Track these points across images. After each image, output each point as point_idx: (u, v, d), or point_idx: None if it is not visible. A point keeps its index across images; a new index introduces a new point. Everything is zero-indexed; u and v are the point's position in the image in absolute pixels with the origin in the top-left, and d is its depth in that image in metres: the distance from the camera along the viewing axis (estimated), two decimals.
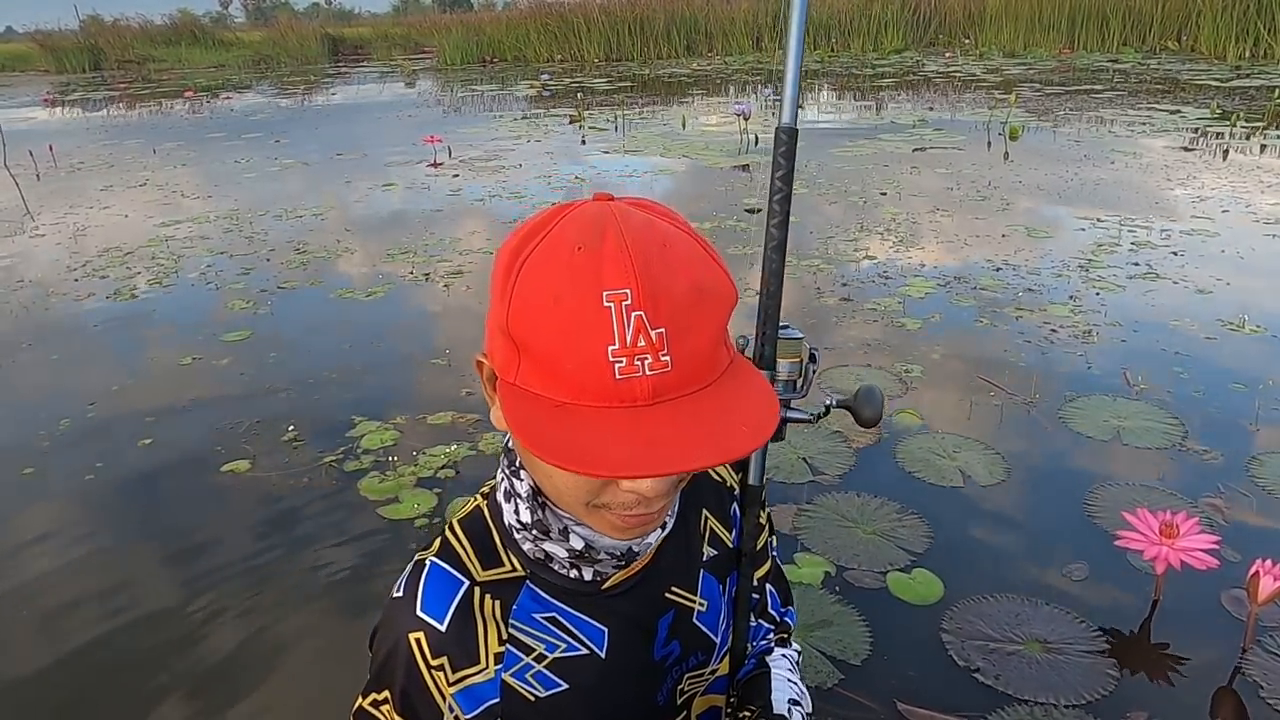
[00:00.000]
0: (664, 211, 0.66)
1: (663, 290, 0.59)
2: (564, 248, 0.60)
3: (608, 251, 0.59)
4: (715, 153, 6.68)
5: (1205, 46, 12.68)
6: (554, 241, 0.61)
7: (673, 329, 0.59)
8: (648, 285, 0.58)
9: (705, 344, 0.62)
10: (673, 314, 0.59)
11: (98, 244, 4.83)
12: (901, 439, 2.35)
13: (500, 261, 0.64)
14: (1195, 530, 1.62)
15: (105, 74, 20.41)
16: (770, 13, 16.85)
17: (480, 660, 0.74)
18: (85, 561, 2.03)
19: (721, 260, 0.67)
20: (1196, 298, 3.31)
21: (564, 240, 0.61)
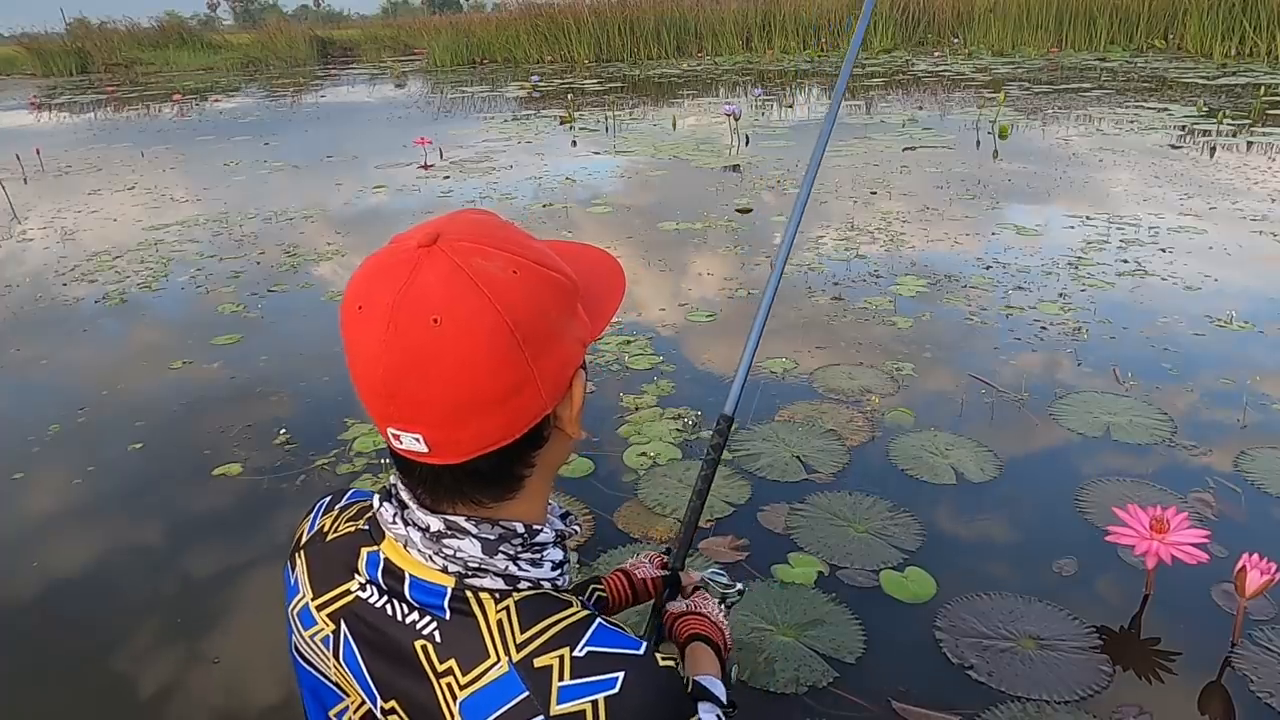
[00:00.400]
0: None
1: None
2: (509, 237, 0.66)
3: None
4: (706, 153, 6.69)
5: (1192, 45, 12.77)
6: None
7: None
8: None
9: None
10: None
11: (86, 247, 4.81)
12: (894, 437, 2.36)
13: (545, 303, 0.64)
14: (1185, 525, 1.63)
15: (92, 77, 20.30)
16: (759, 13, 16.87)
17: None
18: (76, 566, 2.01)
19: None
20: (1185, 294, 3.33)
21: (506, 237, 0.65)
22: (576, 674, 0.62)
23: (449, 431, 0.62)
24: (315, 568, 0.76)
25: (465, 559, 0.67)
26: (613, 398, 2.66)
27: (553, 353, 0.63)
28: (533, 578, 0.69)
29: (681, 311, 3.37)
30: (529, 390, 0.62)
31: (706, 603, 1.12)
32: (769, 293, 1.16)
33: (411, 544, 0.68)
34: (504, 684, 0.63)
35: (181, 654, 1.70)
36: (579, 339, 0.67)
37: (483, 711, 0.63)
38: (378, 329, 0.60)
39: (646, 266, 4.00)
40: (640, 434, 2.43)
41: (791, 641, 1.64)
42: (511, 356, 0.60)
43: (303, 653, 0.76)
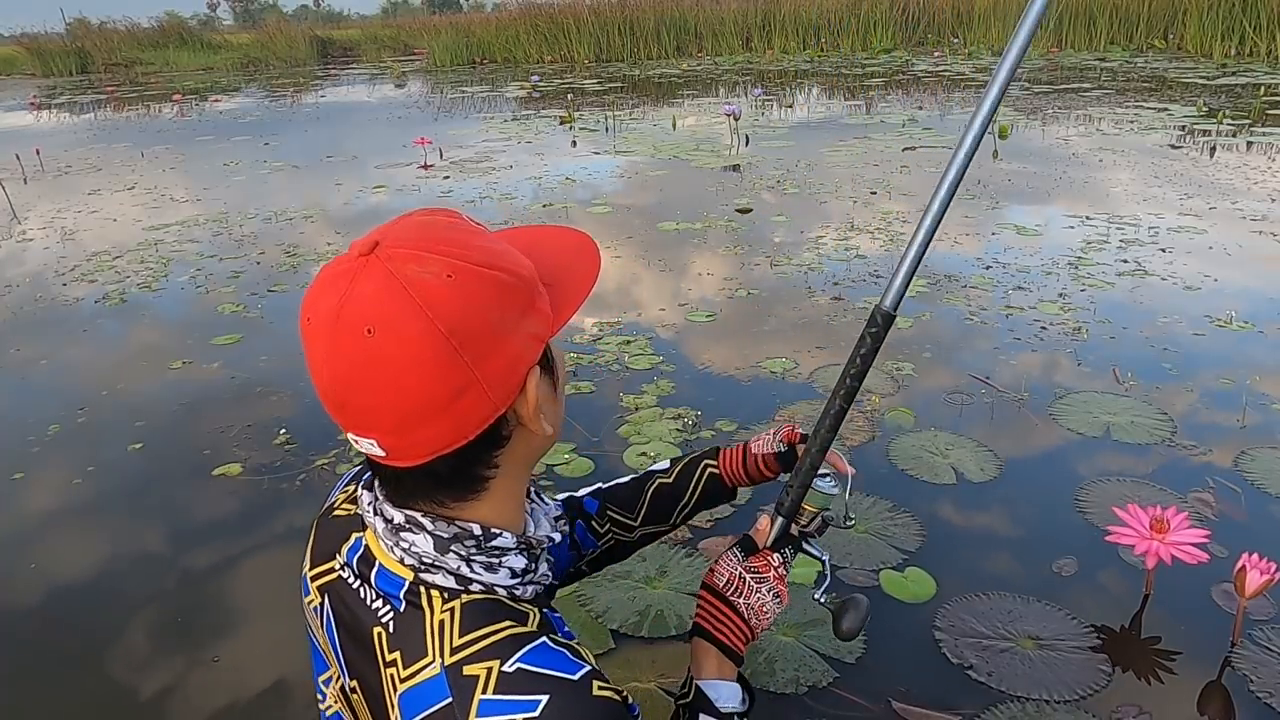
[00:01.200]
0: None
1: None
2: (456, 232, 0.67)
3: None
4: (706, 153, 6.69)
5: (1191, 45, 12.77)
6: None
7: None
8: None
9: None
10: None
11: (86, 247, 4.81)
12: (894, 437, 2.36)
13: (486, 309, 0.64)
14: (1185, 525, 1.63)
15: (92, 77, 20.29)
16: (759, 13, 16.87)
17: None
18: (76, 566, 2.01)
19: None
20: (1185, 294, 3.33)
21: (451, 233, 0.66)
22: (500, 689, 0.61)
23: (400, 437, 0.63)
24: (318, 539, 0.80)
25: (419, 554, 0.68)
26: (613, 398, 2.66)
27: (498, 354, 0.63)
28: (485, 582, 0.68)
29: (681, 311, 3.37)
30: (473, 393, 0.62)
31: (759, 586, 0.90)
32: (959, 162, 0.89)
33: (377, 532, 0.70)
34: (433, 685, 0.63)
35: (181, 653, 1.70)
36: (534, 335, 0.66)
37: (413, 709, 0.64)
38: (322, 341, 0.61)
39: (646, 266, 4.00)
40: (640, 434, 2.43)
41: (791, 641, 1.64)
42: (449, 362, 0.60)
43: (307, 616, 0.81)
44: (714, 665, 0.88)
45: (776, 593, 0.91)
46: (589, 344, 3.09)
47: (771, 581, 0.90)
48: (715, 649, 0.88)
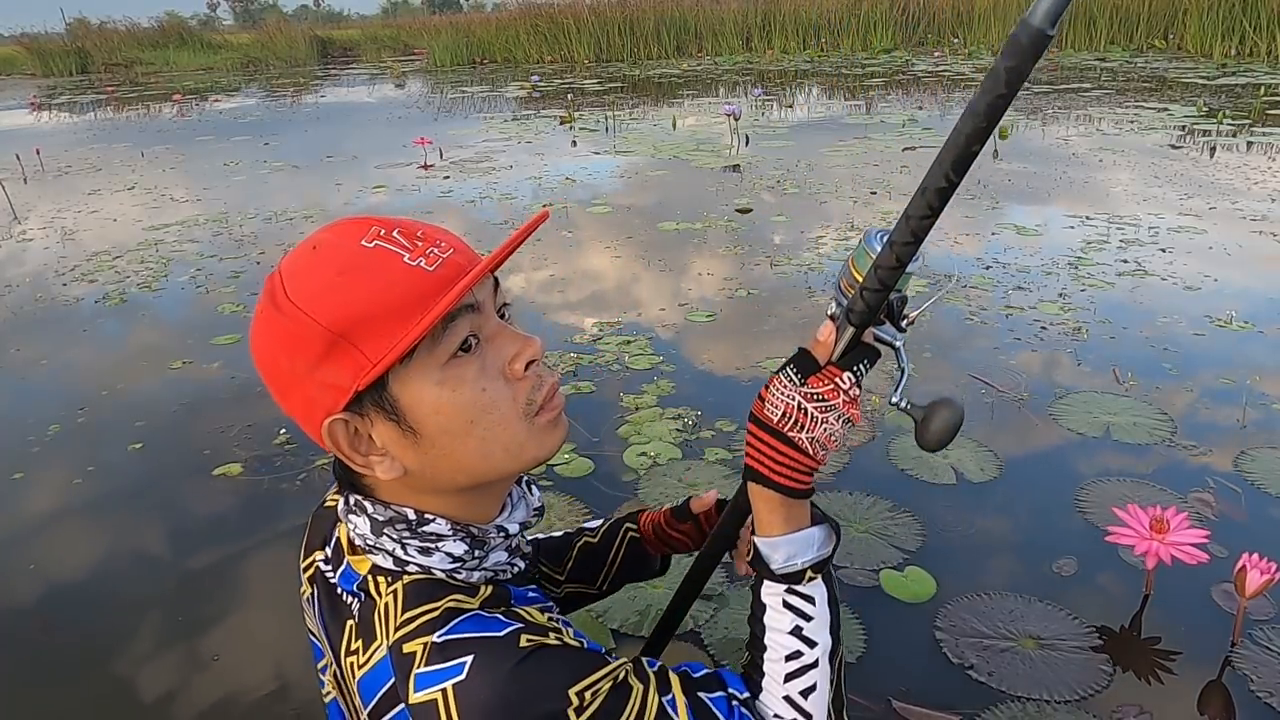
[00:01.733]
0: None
1: (401, 224, 0.66)
2: (303, 257, 0.66)
3: (333, 232, 0.66)
4: (706, 153, 6.69)
5: (1191, 44, 12.77)
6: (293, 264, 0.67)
7: (427, 236, 0.66)
8: (388, 223, 0.66)
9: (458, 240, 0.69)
10: (419, 230, 0.66)
11: (86, 247, 4.81)
12: (894, 437, 2.36)
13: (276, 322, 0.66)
14: (1185, 525, 1.63)
15: (92, 77, 20.29)
16: (759, 13, 16.87)
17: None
18: (76, 565, 2.01)
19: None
20: (1185, 294, 3.33)
21: (298, 257, 0.66)
22: (431, 661, 0.61)
23: (284, 404, 0.68)
24: (311, 532, 0.83)
25: (362, 535, 0.71)
26: (613, 398, 2.66)
27: (293, 394, 0.66)
28: (421, 564, 0.69)
29: (681, 311, 3.37)
30: (290, 406, 0.68)
31: (825, 415, 0.71)
32: None
33: (340, 514, 0.75)
34: (381, 668, 0.65)
35: (182, 653, 1.70)
36: (331, 384, 0.63)
37: (368, 694, 0.66)
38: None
39: (646, 266, 4.00)
40: (640, 434, 2.43)
41: None
42: (269, 376, 0.67)
43: (303, 607, 0.84)
44: (779, 517, 0.74)
45: (847, 418, 0.72)
46: (589, 344, 3.09)
47: (841, 408, 0.71)
48: (777, 494, 0.72)
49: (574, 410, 2.57)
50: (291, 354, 0.63)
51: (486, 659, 0.61)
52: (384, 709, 0.65)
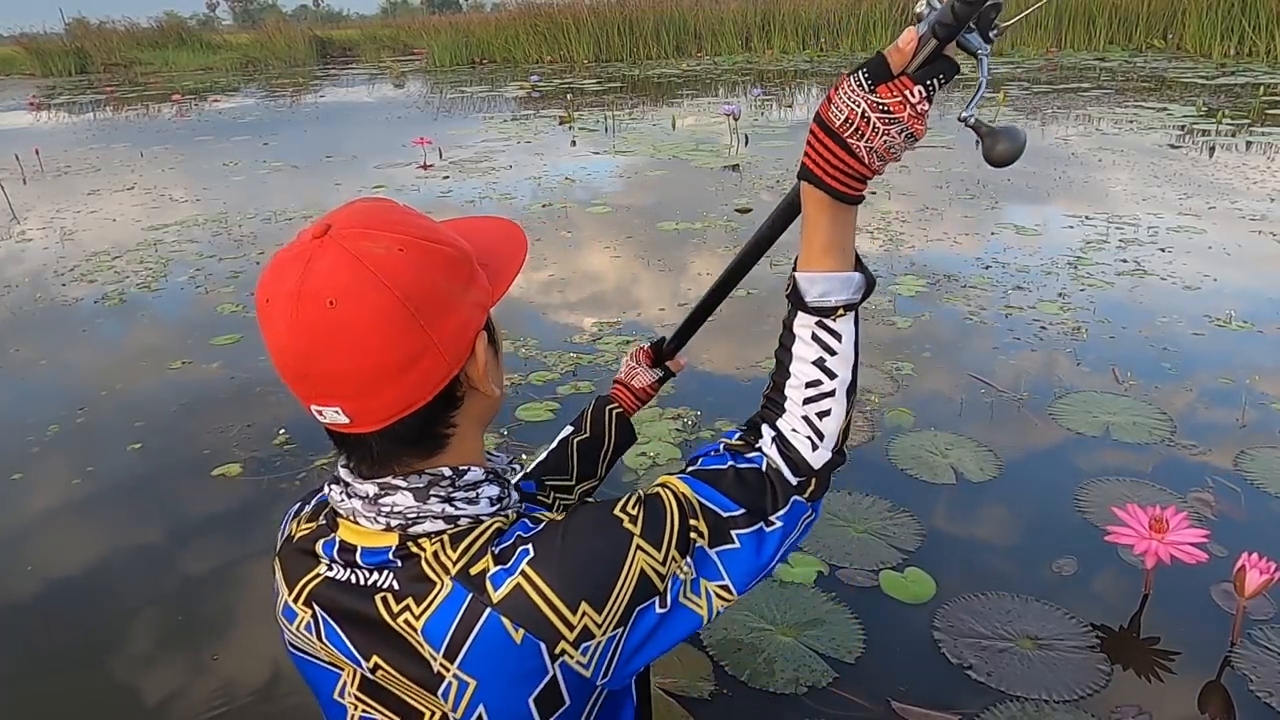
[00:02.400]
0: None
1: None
2: (402, 209, 0.72)
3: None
4: (705, 153, 6.69)
5: (1191, 44, 12.77)
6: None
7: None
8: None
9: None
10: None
11: (85, 247, 4.81)
12: (893, 437, 2.36)
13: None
14: (1184, 525, 1.63)
15: (91, 77, 20.29)
16: (759, 13, 16.87)
17: None
18: (76, 565, 2.01)
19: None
20: (1184, 294, 3.33)
21: (400, 210, 0.72)
22: (498, 563, 0.69)
23: (362, 401, 0.68)
24: (288, 567, 0.81)
25: (403, 511, 0.72)
26: None
27: (448, 318, 0.68)
28: (471, 514, 0.73)
29: (681, 312, 3.37)
30: (430, 355, 0.68)
31: (888, 128, 0.69)
32: None
33: (357, 513, 0.74)
34: (452, 598, 0.69)
35: (181, 653, 1.70)
36: (477, 303, 0.71)
37: (442, 628, 0.68)
38: (283, 318, 0.66)
39: (646, 266, 4.00)
40: (640, 434, 2.41)
41: (791, 641, 1.64)
42: (406, 326, 0.66)
43: (298, 646, 0.81)
44: (825, 247, 0.75)
45: (910, 133, 0.71)
46: (589, 344, 3.09)
47: (905, 122, 0.70)
48: (827, 195, 0.72)
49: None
50: (450, 276, 0.68)
51: (542, 538, 0.71)
52: (463, 634, 0.68)
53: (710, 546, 0.73)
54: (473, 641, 0.68)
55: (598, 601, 0.68)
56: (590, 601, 0.68)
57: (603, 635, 0.69)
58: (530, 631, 0.67)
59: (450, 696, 0.69)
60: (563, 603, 0.68)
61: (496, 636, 0.67)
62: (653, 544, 0.71)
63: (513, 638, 0.67)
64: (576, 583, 0.68)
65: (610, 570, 0.69)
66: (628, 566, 0.70)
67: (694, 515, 0.73)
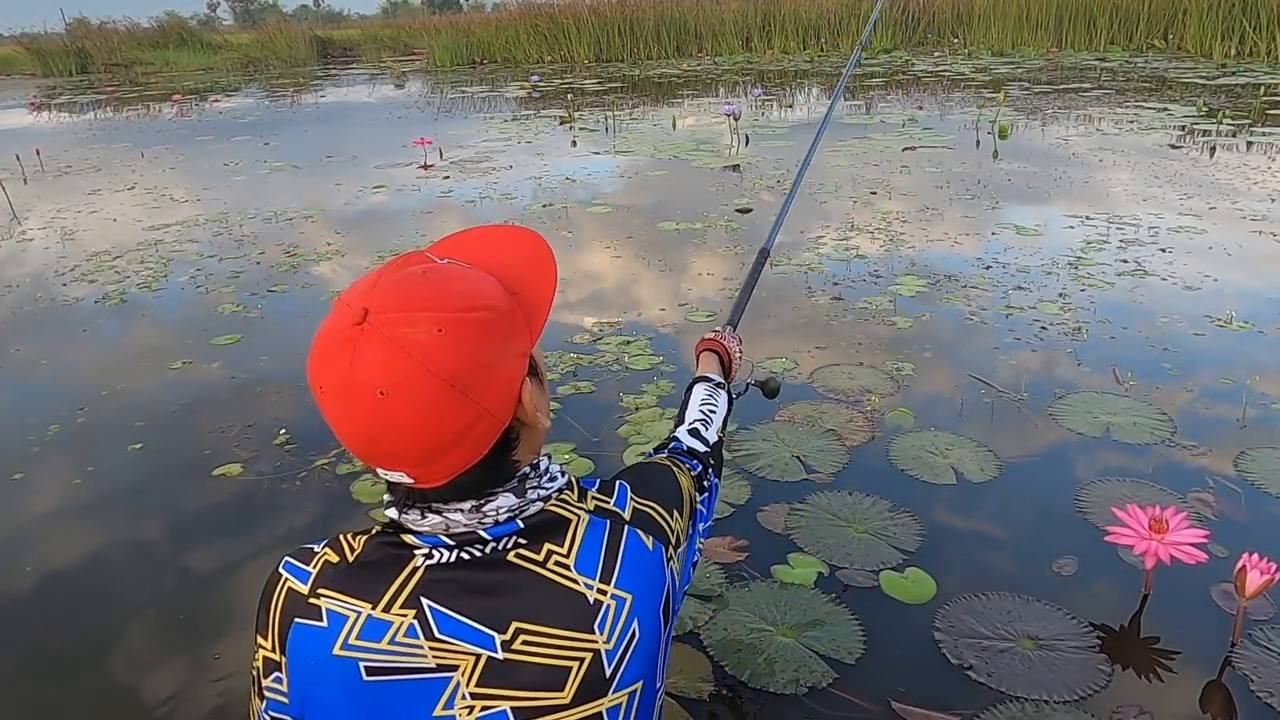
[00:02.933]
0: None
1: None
2: (432, 268, 0.76)
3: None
4: (706, 153, 6.69)
5: (1191, 44, 12.76)
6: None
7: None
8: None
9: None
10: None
11: (86, 247, 4.81)
12: (894, 437, 2.36)
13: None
14: (1185, 525, 1.63)
15: (92, 77, 20.29)
16: (759, 13, 16.86)
17: None
18: (76, 565, 2.01)
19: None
20: (1185, 294, 3.33)
21: (425, 268, 0.76)
22: (609, 496, 0.85)
23: (425, 468, 0.73)
24: (355, 584, 0.76)
25: (509, 509, 0.77)
26: (613, 398, 2.66)
27: (494, 383, 0.72)
28: (555, 489, 0.82)
29: (681, 311, 3.37)
30: (483, 421, 0.72)
31: (733, 341, 1.41)
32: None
33: (454, 524, 0.75)
34: (593, 528, 0.79)
35: (183, 653, 1.70)
36: (519, 353, 0.75)
37: (593, 554, 0.77)
38: (338, 406, 0.70)
39: (646, 266, 4.00)
40: (640, 434, 2.43)
41: (791, 642, 1.64)
42: (456, 403, 0.69)
43: (382, 667, 0.73)
44: (713, 368, 1.35)
45: (741, 353, 1.42)
46: (589, 344, 3.09)
47: (739, 346, 1.42)
48: (715, 360, 1.37)
49: (574, 410, 2.58)
50: (490, 343, 0.71)
51: (625, 476, 0.90)
52: (613, 553, 0.78)
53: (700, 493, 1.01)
54: (623, 558, 0.78)
55: (680, 511, 0.89)
56: (677, 510, 0.89)
57: (684, 542, 0.89)
58: (656, 538, 0.83)
59: (608, 623, 0.75)
60: (665, 511, 0.86)
61: (638, 547, 0.80)
62: (687, 479, 0.96)
63: (646, 545, 0.81)
64: (665, 499, 0.88)
65: (676, 493, 0.91)
66: (684, 488, 0.93)
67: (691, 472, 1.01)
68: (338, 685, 0.74)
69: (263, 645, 0.79)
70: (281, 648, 0.77)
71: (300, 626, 0.76)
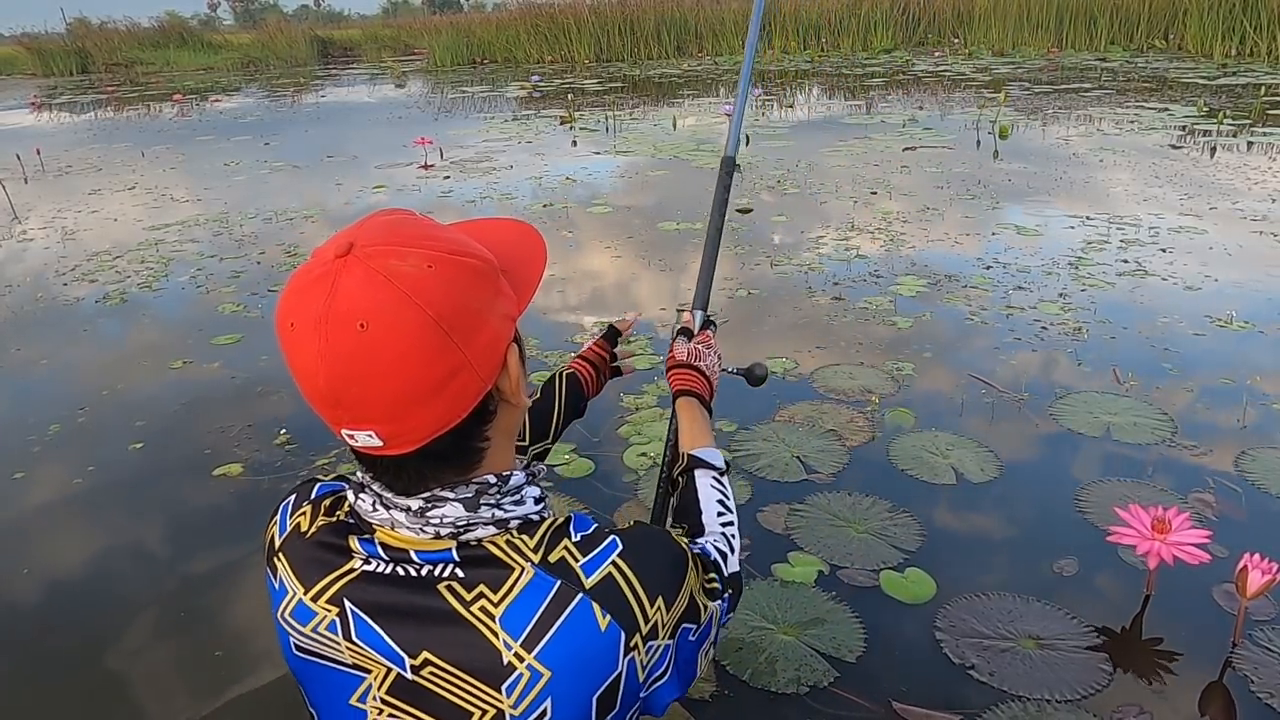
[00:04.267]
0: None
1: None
2: (417, 221, 0.71)
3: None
4: (706, 153, 6.69)
5: (1192, 44, 12.76)
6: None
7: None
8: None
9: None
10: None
11: (86, 247, 4.81)
12: (894, 437, 2.36)
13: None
14: (1186, 525, 1.63)
15: (92, 77, 20.29)
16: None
17: None
18: (77, 565, 2.01)
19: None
20: (1185, 294, 3.33)
21: (413, 222, 0.70)
22: (585, 551, 0.72)
23: (397, 424, 0.66)
24: (300, 563, 0.77)
25: (453, 521, 0.71)
26: (613, 398, 2.66)
27: (480, 334, 0.67)
28: (519, 515, 0.74)
29: (682, 312, 3.37)
30: (464, 373, 0.66)
31: (708, 353, 1.21)
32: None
33: (399, 524, 0.71)
34: (536, 585, 0.70)
35: (183, 651, 1.70)
36: (506, 315, 0.71)
37: (526, 614, 0.69)
38: (311, 342, 0.64)
39: (646, 266, 4.00)
40: (640, 434, 2.42)
41: (792, 641, 1.64)
42: (441, 345, 0.64)
43: (306, 648, 0.77)
44: (704, 433, 1.10)
45: (718, 353, 1.23)
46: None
47: (714, 347, 1.23)
48: (700, 414, 1.13)
49: None
50: (479, 290, 0.67)
51: (627, 535, 0.76)
52: (549, 621, 0.69)
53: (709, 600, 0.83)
54: (558, 629, 0.68)
55: (669, 601, 0.74)
56: (665, 599, 0.73)
57: (664, 637, 0.74)
58: (616, 619, 0.70)
59: (517, 690, 0.68)
60: (645, 595, 0.72)
61: (584, 623, 0.69)
62: (697, 577, 0.80)
63: (599, 624, 0.69)
64: (657, 579, 0.74)
65: (678, 579, 0.76)
66: (687, 581, 0.77)
67: (711, 570, 0.86)
68: (283, 644, 0.80)
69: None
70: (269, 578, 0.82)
71: (268, 576, 0.80)
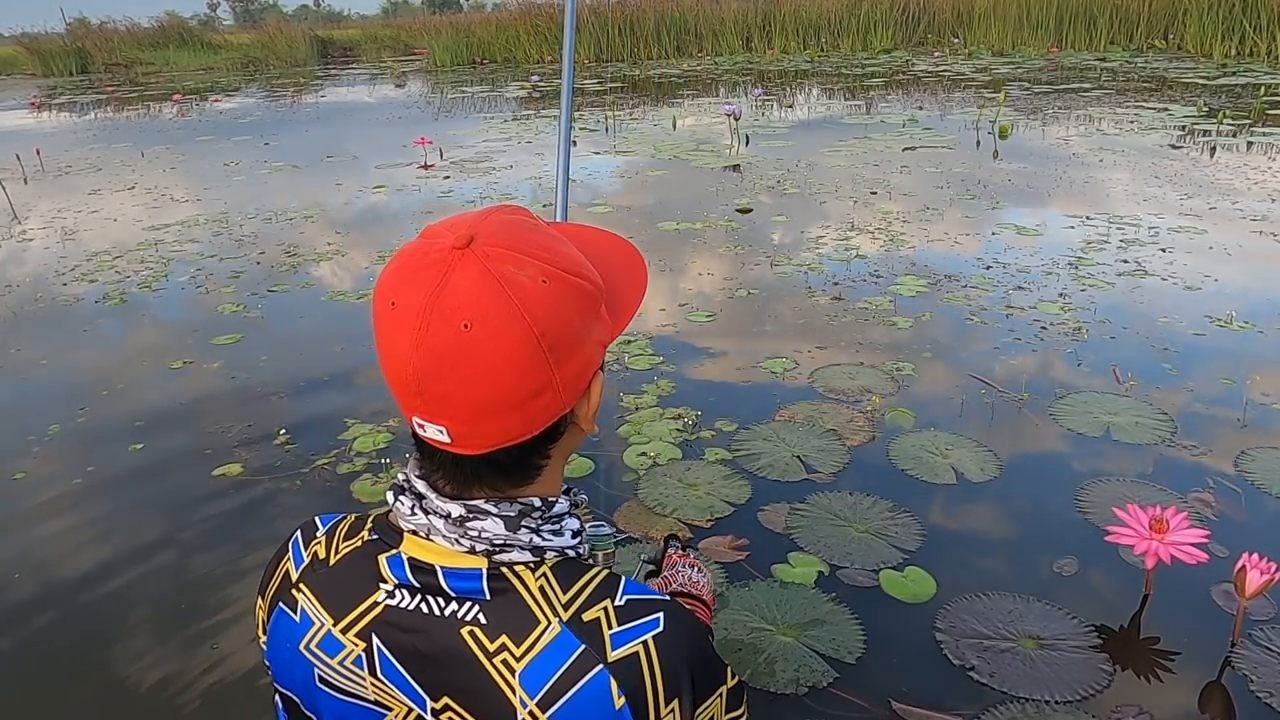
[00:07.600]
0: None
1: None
2: (530, 232, 0.67)
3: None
4: (706, 153, 6.69)
5: (1192, 45, 12.76)
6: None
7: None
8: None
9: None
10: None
11: (86, 247, 4.81)
12: (894, 437, 2.36)
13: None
14: (1185, 525, 1.63)
15: (92, 77, 20.28)
16: (759, 13, 16.87)
17: None
18: (77, 565, 2.01)
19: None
20: (1185, 294, 3.33)
21: (528, 232, 0.67)
22: (622, 621, 0.67)
23: (472, 426, 0.66)
24: (327, 594, 0.75)
25: (490, 538, 0.69)
26: (613, 398, 2.66)
27: (575, 358, 0.66)
28: (556, 546, 0.72)
29: (681, 312, 3.37)
30: (550, 393, 0.66)
31: (679, 574, 1.16)
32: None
33: (435, 531, 0.70)
34: (559, 644, 0.66)
35: (183, 652, 1.70)
36: (600, 341, 0.70)
37: (544, 675, 0.66)
38: (410, 328, 0.62)
39: (646, 266, 3.99)
40: (640, 434, 2.43)
41: (792, 641, 1.64)
42: (536, 362, 0.64)
43: (331, 682, 0.75)
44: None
45: (693, 565, 1.19)
46: None
47: (682, 567, 1.18)
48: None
49: None
50: (583, 314, 0.66)
51: (674, 614, 0.70)
52: (567, 684, 0.65)
53: None
54: (573, 695, 0.65)
55: (684, 708, 0.68)
56: (681, 703, 0.68)
57: None
58: (630, 702, 0.66)
59: None
60: (664, 689, 0.67)
61: (599, 696, 0.65)
62: (725, 702, 0.73)
63: (614, 702, 0.65)
64: (683, 679, 0.68)
65: (705, 692, 0.70)
66: (712, 702, 0.71)
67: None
68: (300, 676, 0.76)
69: (260, 602, 0.81)
70: (266, 620, 0.79)
71: (281, 612, 0.77)
